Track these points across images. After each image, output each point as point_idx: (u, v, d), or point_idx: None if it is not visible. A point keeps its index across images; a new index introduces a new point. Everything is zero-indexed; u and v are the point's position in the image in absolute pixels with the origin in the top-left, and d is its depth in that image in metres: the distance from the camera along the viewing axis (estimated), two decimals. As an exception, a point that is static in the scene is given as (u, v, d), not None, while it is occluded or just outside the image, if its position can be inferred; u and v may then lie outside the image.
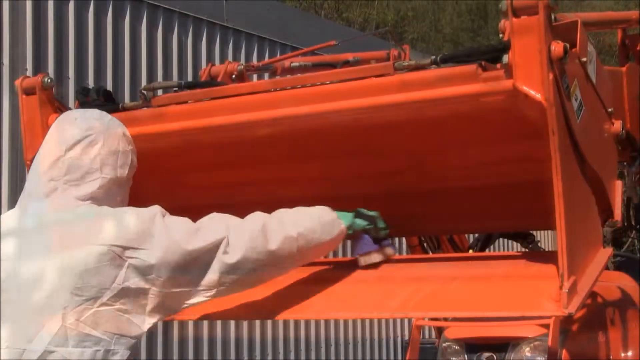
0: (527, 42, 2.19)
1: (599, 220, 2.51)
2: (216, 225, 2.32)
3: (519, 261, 2.59)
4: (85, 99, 3.03)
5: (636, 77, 3.65)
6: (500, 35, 2.53)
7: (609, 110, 2.66)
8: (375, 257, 2.69)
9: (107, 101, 3.06)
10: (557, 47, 2.19)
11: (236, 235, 2.31)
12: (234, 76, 3.55)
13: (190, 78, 6.88)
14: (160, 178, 3.12)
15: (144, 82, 6.47)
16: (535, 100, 2.18)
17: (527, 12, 2.19)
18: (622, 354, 4.24)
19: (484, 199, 2.92)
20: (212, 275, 2.27)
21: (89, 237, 2.17)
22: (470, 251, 4.79)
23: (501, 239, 7.89)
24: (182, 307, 2.29)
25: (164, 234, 2.23)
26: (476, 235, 5.04)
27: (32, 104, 2.92)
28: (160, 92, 3.56)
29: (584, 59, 2.47)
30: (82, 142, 2.33)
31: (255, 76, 4.71)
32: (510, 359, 4.14)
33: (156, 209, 2.29)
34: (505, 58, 2.27)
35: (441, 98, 2.37)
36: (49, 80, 2.91)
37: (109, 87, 6.19)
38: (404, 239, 4.95)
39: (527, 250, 5.25)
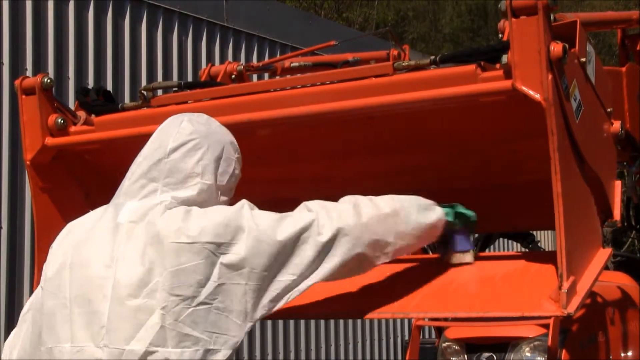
0: (526, 42, 2.19)
1: (598, 220, 2.51)
2: (304, 211, 2.29)
3: (519, 261, 2.59)
4: (85, 99, 3.04)
5: (636, 77, 3.65)
6: (500, 36, 2.54)
7: (608, 110, 2.66)
8: (469, 257, 2.59)
9: (107, 101, 3.07)
10: (556, 47, 2.19)
11: (326, 214, 2.27)
12: (233, 76, 3.55)
13: (190, 78, 6.87)
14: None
15: (144, 82, 6.46)
16: (534, 100, 2.18)
17: (526, 12, 2.20)
18: (622, 354, 4.23)
19: (483, 199, 2.92)
20: (308, 261, 2.22)
21: (182, 237, 2.13)
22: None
23: (501, 239, 7.91)
24: (282, 301, 2.21)
25: (254, 225, 2.18)
26: (476, 235, 5.04)
27: (32, 104, 2.92)
28: (160, 92, 3.57)
29: (583, 59, 2.47)
30: (186, 146, 2.29)
31: (255, 76, 4.71)
32: (510, 359, 4.14)
33: (243, 202, 2.25)
34: (505, 58, 2.28)
35: (440, 98, 2.38)
36: (49, 81, 2.91)
37: (109, 87, 6.19)
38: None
39: (527, 250, 5.25)
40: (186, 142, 2.29)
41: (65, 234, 2.36)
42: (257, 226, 2.18)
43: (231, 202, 2.31)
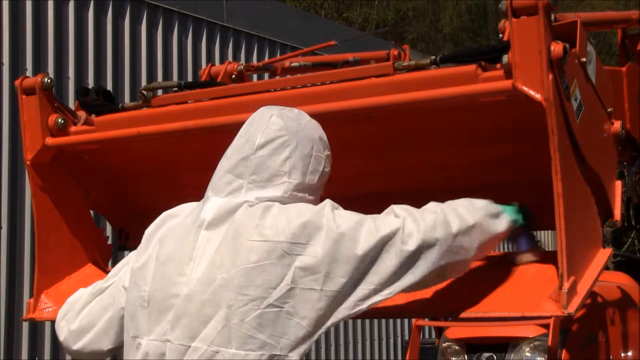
0: (527, 42, 2.19)
1: (598, 220, 2.51)
2: (391, 215, 2.17)
3: (519, 261, 2.59)
4: (85, 99, 3.04)
5: (636, 77, 3.65)
6: (500, 36, 2.54)
7: (609, 110, 2.66)
8: (531, 257, 2.51)
9: (107, 101, 3.07)
10: (557, 47, 2.19)
11: (413, 222, 2.14)
12: (234, 76, 3.55)
13: (190, 78, 6.88)
14: (159, 178, 3.12)
15: (144, 82, 6.46)
16: (534, 100, 2.18)
17: (526, 12, 2.19)
18: (622, 354, 4.24)
19: (483, 198, 2.92)
20: (390, 270, 2.09)
21: (255, 234, 2.06)
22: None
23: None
24: (356, 310, 2.08)
25: (334, 226, 2.07)
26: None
27: (32, 104, 2.92)
28: (160, 92, 3.57)
29: (584, 59, 2.46)
30: (274, 142, 2.19)
31: (255, 76, 4.71)
32: (510, 359, 4.15)
33: (326, 202, 2.14)
34: (505, 58, 2.27)
35: (441, 98, 2.37)
36: (49, 80, 2.91)
37: (109, 87, 6.19)
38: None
39: (527, 250, 5.25)
40: (275, 138, 2.20)
41: (158, 224, 2.30)
42: (338, 228, 2.07)
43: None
